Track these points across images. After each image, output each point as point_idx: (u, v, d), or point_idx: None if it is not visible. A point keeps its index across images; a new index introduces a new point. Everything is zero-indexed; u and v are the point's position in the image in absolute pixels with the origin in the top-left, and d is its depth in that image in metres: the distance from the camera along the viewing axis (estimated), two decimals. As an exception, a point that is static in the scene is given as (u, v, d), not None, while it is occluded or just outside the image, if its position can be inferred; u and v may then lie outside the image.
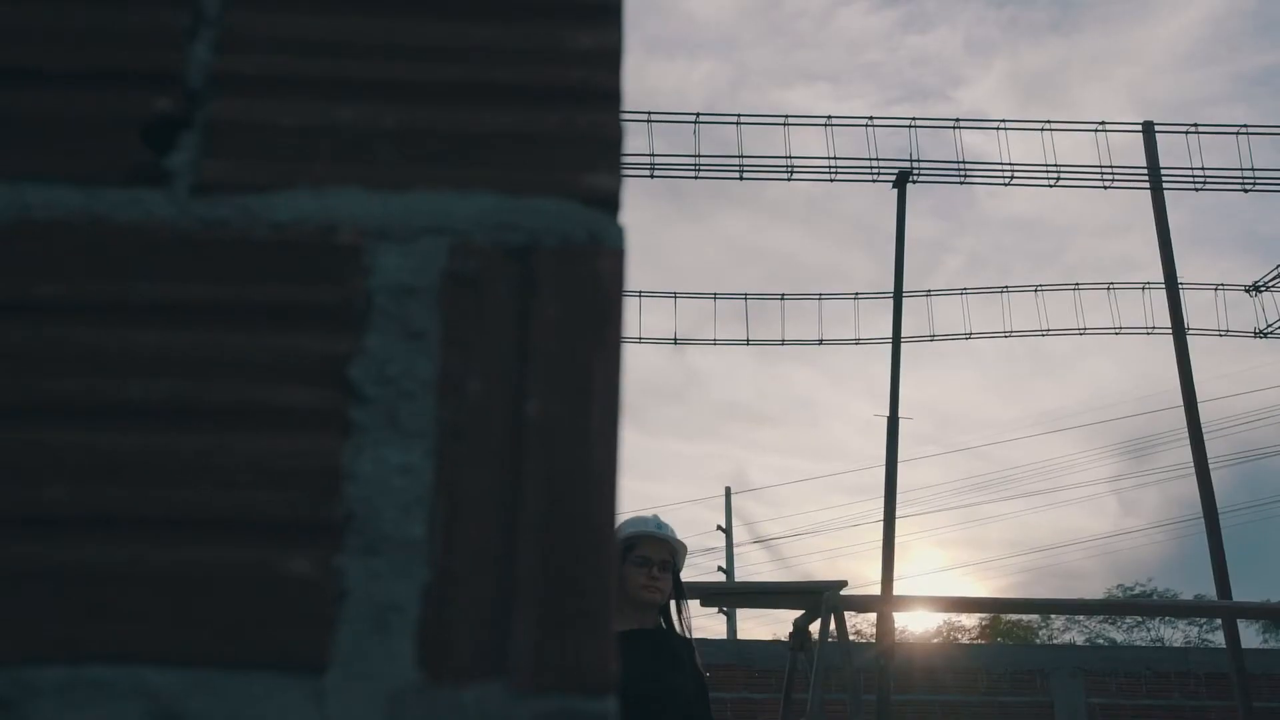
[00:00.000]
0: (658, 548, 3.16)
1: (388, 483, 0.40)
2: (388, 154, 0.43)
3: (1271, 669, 5.49)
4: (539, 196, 0.43)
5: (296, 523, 0.39)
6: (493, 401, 0.41)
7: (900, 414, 4.36)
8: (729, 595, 7.91)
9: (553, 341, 0.42)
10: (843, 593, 4.30)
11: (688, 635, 3.20)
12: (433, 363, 0.41)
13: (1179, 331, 4.77)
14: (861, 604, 4.55)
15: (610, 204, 0.44)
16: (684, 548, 3.25)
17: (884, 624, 4.41)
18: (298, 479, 0.39)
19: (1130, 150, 5.12)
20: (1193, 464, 5.22)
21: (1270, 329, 5.64)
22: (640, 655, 2.95)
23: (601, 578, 0.39)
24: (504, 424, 0.41)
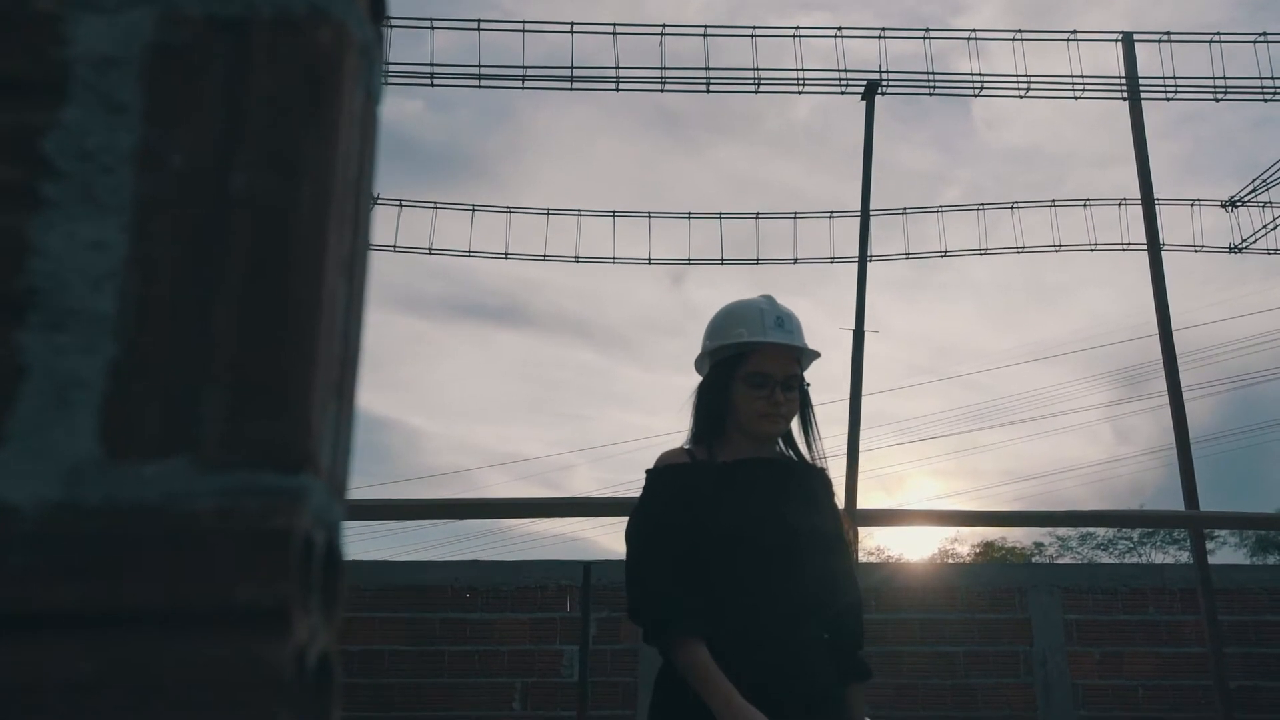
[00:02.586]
0: (779, 359, 2.15)
1: (77, 258, 0.38)
2: (93, -80, 0.41)
3: (1244, 584, 5.55)
4: (256, -34, 0.41)
5: (-23, 297, 0.37)
6: (196, 177, 0.39)
7: (865, 328, 4.34)
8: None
9: (264, 117, 0.39)
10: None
11: (821, 465, 2.27)
12: (134, 136, 0.39)
13: (1154, 246, 4.72)
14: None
15: (337, -24, 0.41)
16: (814, 352, 2.25)
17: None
18: (-19, 253, 0.37)
19: (1113, 71, 5.05)
20: (1185, 387, 5.23)
21: (1245, 244, 5.58)
22: (761, 491, 2.12)
23: (298, 356, 0.37)
24: (207, 200, 0.39)
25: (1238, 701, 5.24)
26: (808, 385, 2.24)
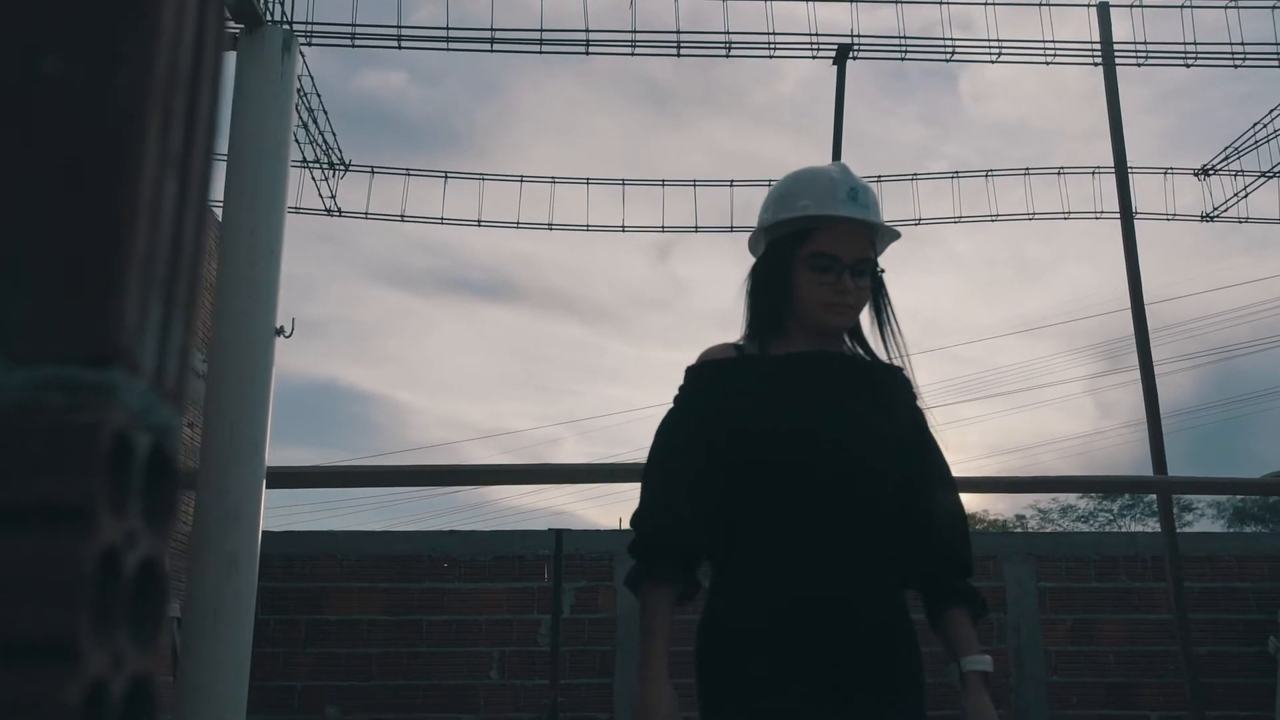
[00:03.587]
0: (850, 238, 1.77)
1: (-123, 145, 0.36)
2: None
3: (1215, 551, 5.60)
4: None
5: None
6: (4, 60, 0.37)
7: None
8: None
9: None
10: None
11: (900, 362, 1.87)
12: (-60, 21, 0.37)
13: (1126, 214, 4.74)
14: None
15: None
16: (893, 232, 1.86)
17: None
18: None
19: (1088, 39, 5.05)
20: (1165, 360, 5.25)
21: (1216, 212, 5.60)
22: (822, 389, 1.77)
23: (108, 247, 0.36)
24: (15, 83, 0.37)
25: (1204, 667, 5.30)
26: (882, 271, 1.86)
